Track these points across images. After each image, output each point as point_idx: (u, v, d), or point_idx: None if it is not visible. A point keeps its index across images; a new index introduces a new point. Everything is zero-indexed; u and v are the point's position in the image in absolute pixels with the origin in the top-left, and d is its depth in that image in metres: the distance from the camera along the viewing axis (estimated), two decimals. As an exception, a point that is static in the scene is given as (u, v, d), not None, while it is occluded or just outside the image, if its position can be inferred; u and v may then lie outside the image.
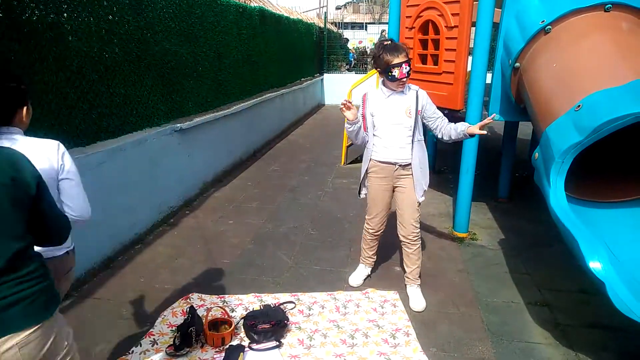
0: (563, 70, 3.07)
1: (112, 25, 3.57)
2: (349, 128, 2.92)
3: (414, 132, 2.93)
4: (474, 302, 3.12)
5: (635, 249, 2.48)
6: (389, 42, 2.85)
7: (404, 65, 2.74)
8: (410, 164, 2.98)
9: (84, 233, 3.12)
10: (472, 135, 2.87)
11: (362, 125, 2.96)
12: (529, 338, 2.74)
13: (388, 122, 2.91)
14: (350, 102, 2.82)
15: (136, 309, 3.00)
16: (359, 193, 3.23)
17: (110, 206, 3.55)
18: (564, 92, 2.91)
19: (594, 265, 2.17)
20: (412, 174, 3.00)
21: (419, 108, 2.92)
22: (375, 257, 3.42)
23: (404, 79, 2.79)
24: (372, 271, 3.48)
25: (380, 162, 3.01)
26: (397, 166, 2.99)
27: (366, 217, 3.24)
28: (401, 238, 3.12)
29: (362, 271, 3.41)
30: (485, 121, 2.85)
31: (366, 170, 3.11)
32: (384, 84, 2.92)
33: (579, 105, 2.54)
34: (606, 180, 3.00)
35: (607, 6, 3.17)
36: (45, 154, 1.63)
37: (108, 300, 3.09)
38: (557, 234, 2.67)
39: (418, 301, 3.07)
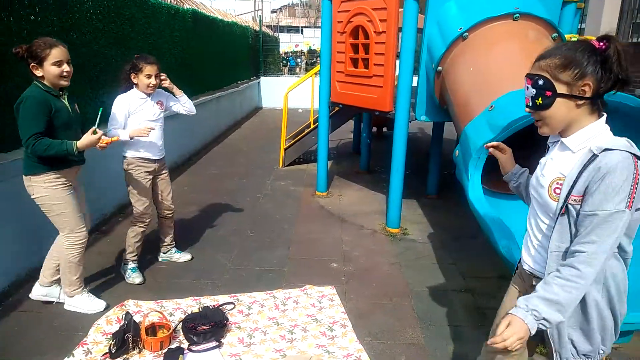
0: (478, 74, 3.35)
1: (34, 26, 3.43)
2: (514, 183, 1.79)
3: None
4: (405, 292, 3.31)
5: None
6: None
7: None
8: None
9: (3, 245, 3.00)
10: None
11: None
12: (454, 322, 2.96)
13: None
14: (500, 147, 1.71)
15: (68, 319, 2.90)
16: None
17: (37, 215, 3.38)
18: (479, 94, 3.17)
19: (505, 246, 2.39)
20: None
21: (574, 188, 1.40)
22: None
23: None
24: (310, 269, 3.58)
25: None
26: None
27: None
28: None
29: None
30: None
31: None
32: None
33: (491, 106, 2.79)
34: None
35: (515, 16, 3.49)
36: None
37: (37, 312, 2.96)
38: (480, 226, 2.90)
39: None
